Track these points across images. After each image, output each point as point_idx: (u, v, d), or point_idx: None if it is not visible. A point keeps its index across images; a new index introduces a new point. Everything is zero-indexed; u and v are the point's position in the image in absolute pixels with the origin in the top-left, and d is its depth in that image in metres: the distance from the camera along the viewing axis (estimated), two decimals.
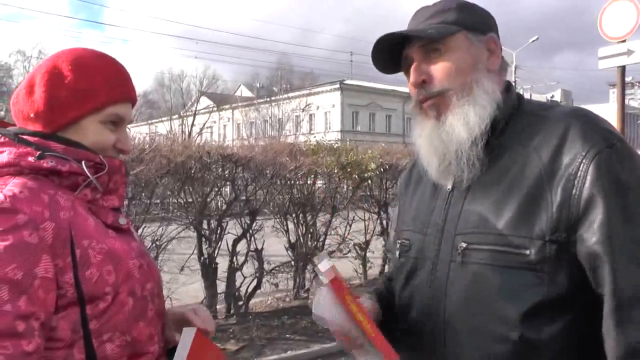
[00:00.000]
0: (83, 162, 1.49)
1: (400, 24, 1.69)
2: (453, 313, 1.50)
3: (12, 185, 1.38)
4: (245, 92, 66.95)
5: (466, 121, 1.54)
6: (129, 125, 1.67)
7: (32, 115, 1.52)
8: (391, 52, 1.65)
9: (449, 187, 1.60)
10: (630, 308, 1.30)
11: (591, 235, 1.35)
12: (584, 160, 1.37)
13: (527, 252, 1.39)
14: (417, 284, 1.61)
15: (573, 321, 1.38)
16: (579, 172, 1.37)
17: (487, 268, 1.45)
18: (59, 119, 1.51)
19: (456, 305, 1.50)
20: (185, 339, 1.55)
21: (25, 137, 1.49)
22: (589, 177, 1.36)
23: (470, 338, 1.47)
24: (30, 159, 1.44)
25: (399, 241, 1.73)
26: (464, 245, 1.50)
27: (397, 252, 1.72)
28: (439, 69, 1.57)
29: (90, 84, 1.52)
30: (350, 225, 9.72)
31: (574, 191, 1.37)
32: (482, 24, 1.61)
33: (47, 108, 1.50)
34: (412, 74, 1.61)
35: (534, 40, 46.01)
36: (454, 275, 1.51)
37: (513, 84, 1.72)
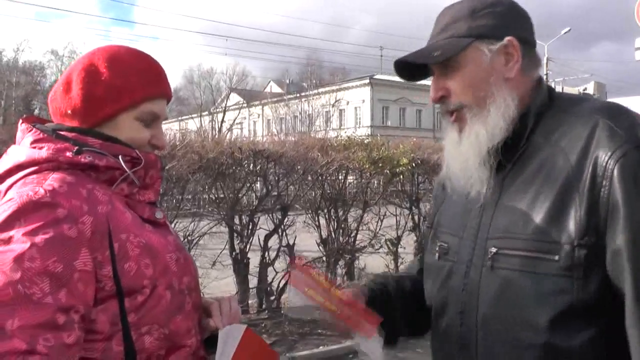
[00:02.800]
0: (120, 157, 1.50)
1: (430, 17, 1.66)
2: (485, 317, 1.49)
3: (52, 180, 1.39)
4: (275, 88, 67.12)
5: (478, 141, 1.52)
6: None
7: (69, 111, 1.54)
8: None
9: (484, 190, 1.57)
10: None
11: (614, 239, 1.31)
12: (609, 161, 1.33)
13: (556, 257, 1.36)
14: (452, 287, 1.60)
15: (606, 329, 1.35)
16: (606, 175, 1.33)
17: (516, 274, 1.42)
18: (95, 115, 1.53)
19: (488, 309, 1.48)
20: (232, 337, 1.54)
21: (63, 133, 1.51)
22: (614, 180, 1.32)
23: (501, 343, 1.45)
24: (69, 154, 1.45)
25: (439, 243, 1.71)
26: (494, 250, 1.48)
27: (437, 255, 1.70)
28: (454, 85, 1.56)
29: (125, 80, 1.54)
30: (382, 221, 9.67)
31: (601, 194, 1.33)
32: (497, 28, 1.54)
33: (84, 104, 1.52)
34: (431, 90, 1.61)
35: (566, 32, 45.35)
36: (485, 280, 1.50)
37: (544, 77, 1.69)
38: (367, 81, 56.35)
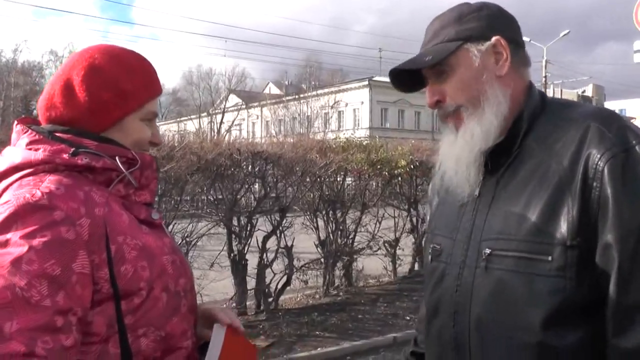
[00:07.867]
0: (117, 158, 1.50)
1: (430, 18, 1.68)
2: (478, 319, 1.51)
3: (49, 183, 1.39)
4: (274, 90, 67.24)
5: (472, 140, 1.57)
6: (157, 123, 1.70)
7: (73, 118, 1.52)
8: (410, 71, 1.68)
9: (477, 193, 1.61)
10: (633, 313, 1.32)
11: (604, 237, 1.36)
12: (599, 163, 1.38)
13: (549, 257, 1.39)
14: (445, 289, 1.62)
15: (599, 327, 1.38)
16: (596, 176, 1.38)
17: (510, 274, 1.45)
18: (105, 121, 1.53)
19: (481, 311, 1.51)
20: (217, 337, 1.56)
21: (59, 134, 1.50)
22: (604, 181, 1.36)
23: (495, 344, 1.48)
24: (65, 155, 1.45)
25: (431, 245, 1.74)
26: (488, 251, 1.51)
27: (429, 256, 1.74)
28: (448, 88, 1.60)
29: (130, 83, 1.54)
30: (380, 223, 9.70)
31: (592, 195, 1.38)
32: (484, 30, 1.60)
33: (92, 110, 1.51)
34: (426, 96, 1.65)
35: (565, 34, 45.36)
36: (479, 281, 1.52)
37: (542, 80, 1.70)
38: (365, 83, 56.33)
